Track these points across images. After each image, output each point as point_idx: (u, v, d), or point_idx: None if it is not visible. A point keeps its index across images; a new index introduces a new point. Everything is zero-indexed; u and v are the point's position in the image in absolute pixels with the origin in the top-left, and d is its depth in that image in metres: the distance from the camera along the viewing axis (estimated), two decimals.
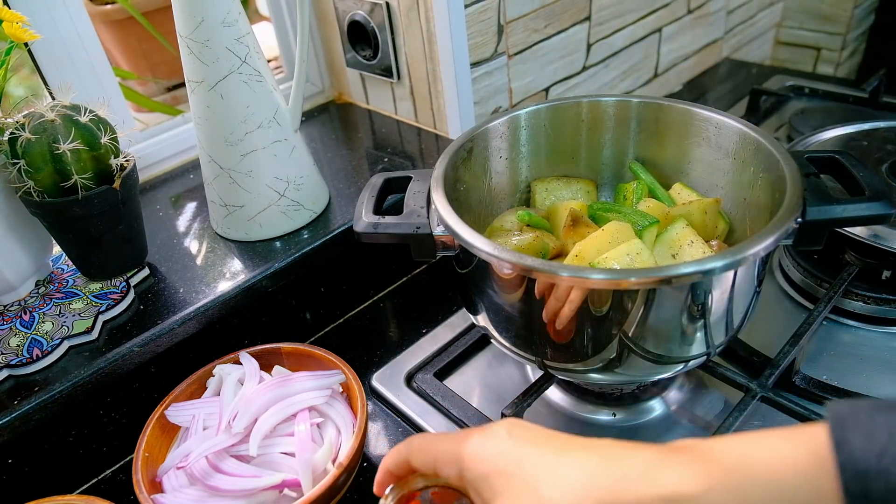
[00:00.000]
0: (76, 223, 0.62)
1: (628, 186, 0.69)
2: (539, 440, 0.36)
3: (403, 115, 0.97)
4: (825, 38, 1.41)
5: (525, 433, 0.37)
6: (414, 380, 0.68)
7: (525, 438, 0.36)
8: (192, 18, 0.62)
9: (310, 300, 0.76)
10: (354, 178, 0.83)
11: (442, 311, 0.77)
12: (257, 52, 0.67)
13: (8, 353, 0.59)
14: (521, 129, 0.69)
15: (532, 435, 0.37)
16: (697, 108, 0.65)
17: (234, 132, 0.68)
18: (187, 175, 0.88)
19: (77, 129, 0.59)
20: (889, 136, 0.83)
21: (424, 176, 0.63)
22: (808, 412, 0.57)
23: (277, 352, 0.64)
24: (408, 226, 0.57)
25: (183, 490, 0.54)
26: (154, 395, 0.64)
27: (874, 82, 1.05)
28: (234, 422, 0.56)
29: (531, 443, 0.36)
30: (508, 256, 0.48)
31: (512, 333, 0.57)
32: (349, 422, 0.58)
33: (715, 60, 1.30)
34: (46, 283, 0.68)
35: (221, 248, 0.73)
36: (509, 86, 0.92)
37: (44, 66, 0.75)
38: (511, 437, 0.36)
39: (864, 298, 0.68)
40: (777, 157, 0.56)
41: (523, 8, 0.88)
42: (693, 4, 1.15)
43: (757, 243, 0.47)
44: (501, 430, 0.37)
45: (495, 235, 0.66)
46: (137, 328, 0.63)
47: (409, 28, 0.86)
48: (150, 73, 1.15)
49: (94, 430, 0.62)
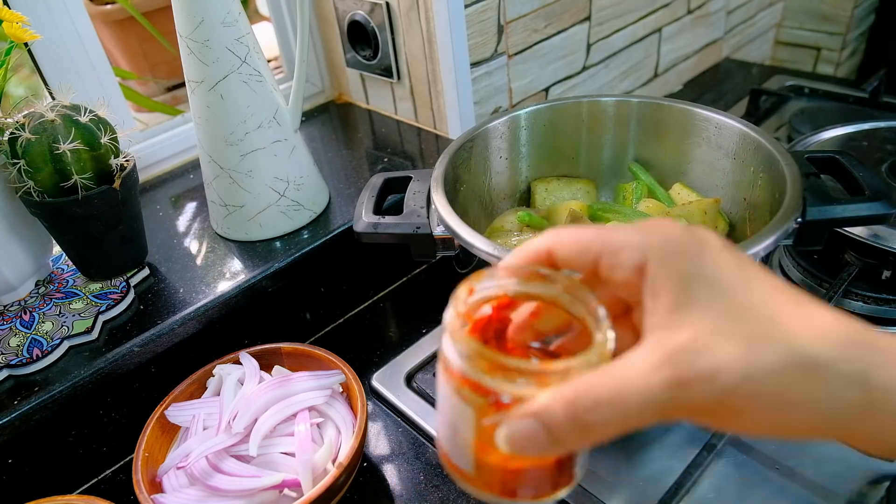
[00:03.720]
0: (76, 223, 0.62)
1: (628, 186, 0.69)
2: (755, 268, 0.28)
3: (403, 116, 0.97)
4: (825, 38, 1.41)
5: (738, 256, 0.29)
6: (414, 380, 0.68)
7: (743, 260, 0.28)
8: (192, 18, 0.62)
9: (310, 300, 0.76)
10: (354, 178, 0.83)
11: (442, 311, 0.76)
12: (257, 52, 0.67)
13: (8, 353, 0.59)
14: (521, 129, 0.69)
15: (749, 262, 0.29)
16: (697, 108, 0.65)
17: (234, 132, 0.68)
18: (187, 175, 0.88)
19: (77, 129, 0.59)
20: (889, 136, 0.83)
21: (424, 176, 0.63)
22: None
23: (277, 352, 0.64)
24: (408, 226, 0.57)
25: (183, 490, 0.54)
26: (154, 395, 0.64)
27: (874, 82, 1.05)
28: (234, 422, 0.56)
29: (750, 268, 0.28)
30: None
31: None
32: (349, 422, 0.58)
33: (715, 60, 1.30)
34: (46, 283, 0.68)
35: (221, 248, 0.73)
36: (509, 86, 0.92)
37: (44, 66, 0.75)
38: (727, 250, 0.28)
39: (864, 298, 0.68)
40: (777, 157, 0.56)
41: (523, 8, 0.88)
42: (693, 4, 1.15)
43: (757, 243, 0.47)
44: (712, 237, 0.29)
45: (495, 235, 0.66)
46: (137, 328, 0.63)
47: (409, 28, 0.86)
48: (150, 73, 1.15)
49: (94, 430, 0.62)
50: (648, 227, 0.29)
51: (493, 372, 0.28)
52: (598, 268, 0.30)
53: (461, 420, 0.29)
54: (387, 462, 0.61)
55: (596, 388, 0.26)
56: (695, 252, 0.28)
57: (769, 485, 0.54)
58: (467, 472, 0.31)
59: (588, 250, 0.30)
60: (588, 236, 0.30)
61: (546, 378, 0.27)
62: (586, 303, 0.30)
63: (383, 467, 0.61)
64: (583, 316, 0.31)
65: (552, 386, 0.27)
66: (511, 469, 0.30)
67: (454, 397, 0.29)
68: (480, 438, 0.29)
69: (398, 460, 0.61)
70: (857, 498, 0.52)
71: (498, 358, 0.27)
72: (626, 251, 0.29)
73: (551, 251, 0.31)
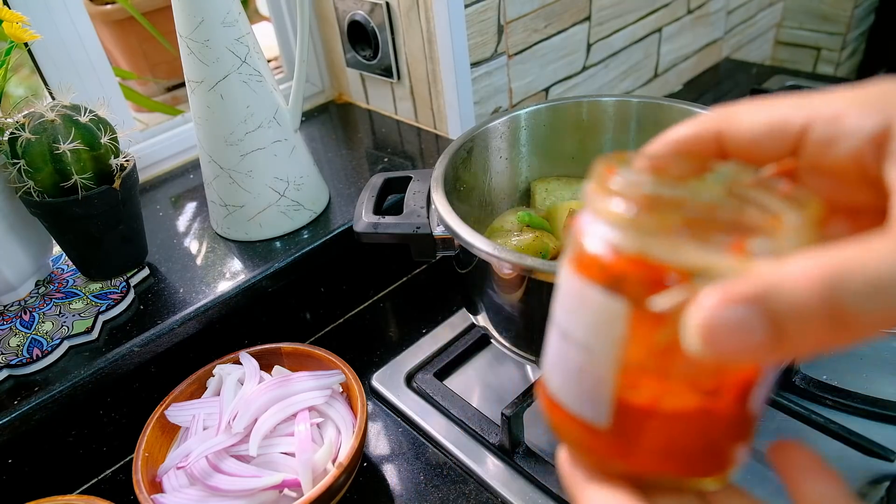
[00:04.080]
0: (76, 223, 0.62)
1: None
2: None
3: (403, 115, 0.97)
4: (825, 38, 1.41)
5: None
6: (414, 380, 0.68)
7: None
8: (192, 18, 0.62)
9: (310, 300, 0.76)
10: (354, 178, 0.83)
11: (442, 311, 0.77)
12: (257, 52, 0.67)
13: (8, 353, 0.59)
14: (521, 129, 0.69)
15: None
16: (698, 108, 0.65)
17: (234, 132, 0.68)
18: (187, 175, 0.88)
19: (77, 129, 0.59)
20: None
21: (424, 176, 0.63)
22: (809, 412, 0.57)
23: (277, 352, 0.64)
24: (408, 226, 0.57)
25: (183, 490, 0.54)
26: (154, 395, 0.64)
27: None
28: (234, 422, 0.56)
29: None
30: (508, 256, 0.48)
31: (512, 333, 0.57)
32: (349, 422, 0.58)
33: (715, 60, 1.30)
34: (46, 283, 0.68)
35: (221, 248, 0.73)
36: (509, 86, 0.92)
37: (44, 66, 0.75)
38: None
39: None
40: None
41: (523, 8, 0.88)
42: (693, 4, 1.15)
43: None
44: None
45: (495, 235, 0.66)
46: (137, 328, 0.63)
47: (409, 28, 0.86)
48: (150, 73, 1.15)
49: (94, 430, 0.62)
50: (877, 84, 0.21)
51: (666, 233, 0.18)
52: (801, 151, 0.22)
53: (600, 330, 0.20)
54: (387, 462, 0.61)
55: (864, 262, 0.17)
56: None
57: (769, 485, 0.54)
58: (598, 422, 0.21)
59: (784, 126, 0.22)
60: (783, 108, 0.22)
61: (745, 241, 0.18)
62: (773, 194, 0.20)
63: (383, 467, 0.61)
64: (766, 221, 0.19)
65: (754, 256, 0.18)
66: (666, 414, 0.20)
67: (591, 293, 0.20)
68: (632, 355, 0.19)
69: (398, 460, 0.61)
70: (860, 493, 0.52)
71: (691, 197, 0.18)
72: (854, 116, 0.20)
73: (721, 135, 0.23)
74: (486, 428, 0.61)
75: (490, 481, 0.57)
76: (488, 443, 0.60)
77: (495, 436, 0.60)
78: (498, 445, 0.59)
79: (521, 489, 0.56)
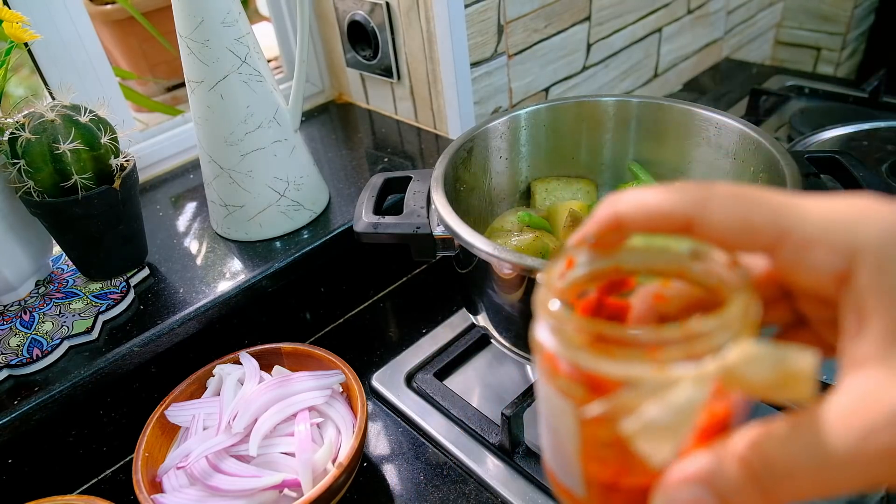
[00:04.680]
0: (76, 223, 0.62)
1: (628, 186, 0.69)
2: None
3: (403, 115, 0.97)
4: (825, 38, 1.41)
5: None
6: (414, 380, 0.68)
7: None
8: (192, 18, 0.62)
9: (310, 300, 0.76)
10: (354, 178, 0.83)
11: (442, 311, 0.77)
12: (257, 52, 0.67)
13: (8, 353, 0.59)
14: (521, 129, 0.69)
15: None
16: (697, 108, 0.65)
17: (234, 132, 0.68)
18: (187, 175, 0.88)
19: (77, 129, 0.59)
20: (889, 136, 0.83)
21: (424, 176, 0.63)
22: None
23: (277, 352, 0.64)
24: (408, 226, 0.57)
25: (183, 490, 0.54)
26: (154, 395, 0.64)
27: (874, 82, 1.05)
28: (234, 422, 0.56)
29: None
30: (508, 256, 0.48)
31: (512, 333, 0.57)
32: (349, 422, 0.58)
33: (715, 60, 1.30)
34: (46, 283, 0.68)
35: (221, 248, 0.73)
36: (509, 86, 0.92)
37: (44, 66, 0.75)
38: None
39: None
40: (777, 157, 0.56)
41: (523, 8, 0.88)
42: (693, 4, 1.15)
43: None
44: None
45: (495, 235, 0.66)
46: (137, 328, 0.63)
47: (409, 28, 0.86)
48: (150, 73, 1.15)
49: (94, 430, 0.62)
50: (852, 209, 0.21)
51: (592, 347, 0.21)
52: (771, 259, 0.22)
53: (560, 421, 0.23)
54: (387, 462, 0.61)
55: (787, 449, 0.19)
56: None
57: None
58: (576, 493, 0.24)
59: (754, 236, 0.22)
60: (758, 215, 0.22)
61: (659, 352, 0.20)
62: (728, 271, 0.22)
63: (383, 467, 0.61)
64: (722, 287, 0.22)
65: (668, 363, 0.20)
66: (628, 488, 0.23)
67: (549, 390, 0.23)
68: (586, 443, 0.22)
69: (398, 460, 0.61)
70: (856, 498, 0.52)
71: (594, 326, 0.21)
72: (822, 251, 0.21)
73: (691, 222, 0.23)
74: (486, 428, 0.61)
75: (490, 481, 0.57)
76: (488, 443, 0.60)
77: (495, 436, 0.60)
78: (498, 445, 0.59)
79: (520, 489, 0.56)
